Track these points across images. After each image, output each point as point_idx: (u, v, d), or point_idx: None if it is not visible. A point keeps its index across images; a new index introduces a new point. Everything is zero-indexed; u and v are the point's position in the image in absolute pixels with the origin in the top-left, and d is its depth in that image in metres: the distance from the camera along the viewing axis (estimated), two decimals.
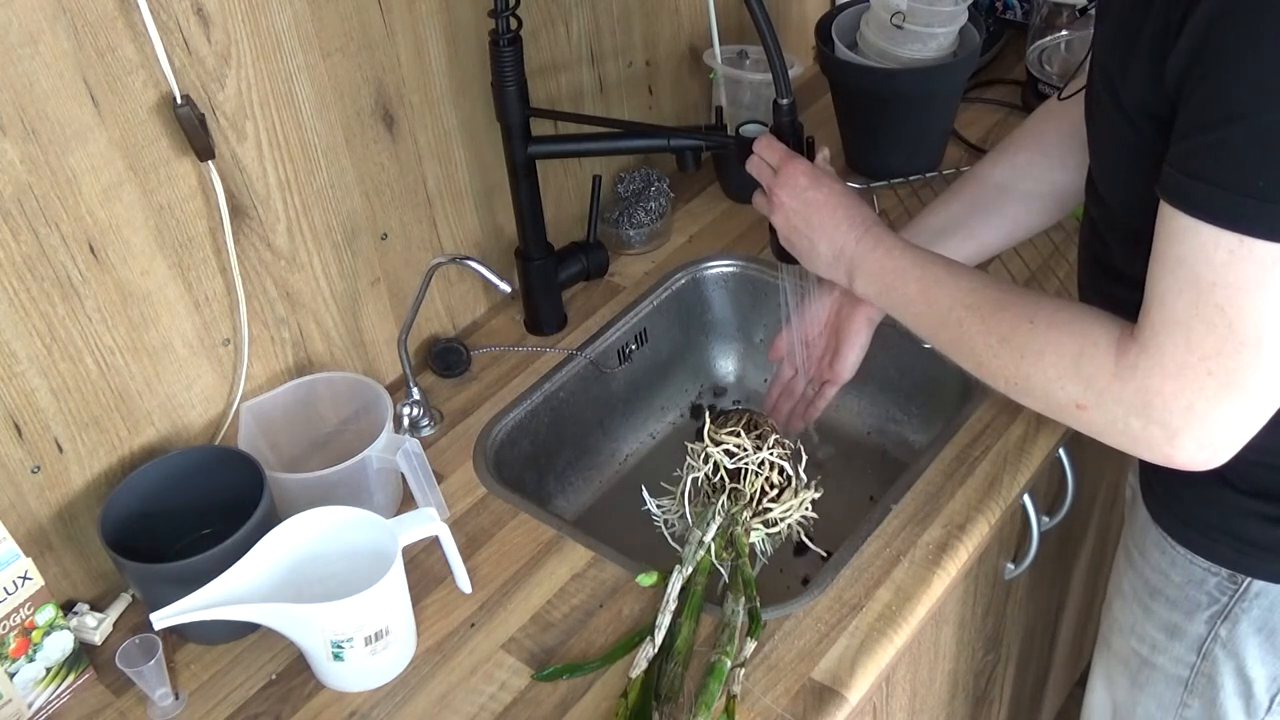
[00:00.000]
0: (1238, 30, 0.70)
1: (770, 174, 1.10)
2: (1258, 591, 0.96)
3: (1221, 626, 0.99)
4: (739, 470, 1.18)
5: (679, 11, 1.54)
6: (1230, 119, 0.71)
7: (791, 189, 1.07)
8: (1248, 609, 0.97)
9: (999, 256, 1.42)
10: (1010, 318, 0.90)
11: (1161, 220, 0.77)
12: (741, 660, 0.98)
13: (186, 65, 1.02)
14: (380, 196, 1.24)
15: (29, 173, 0.94)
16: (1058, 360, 0.86)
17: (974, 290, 0.94)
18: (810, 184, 1.07)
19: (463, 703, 0.99)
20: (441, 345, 1.33)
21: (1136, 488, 1.07)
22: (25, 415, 1.01)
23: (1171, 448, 0.81)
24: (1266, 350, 0.74)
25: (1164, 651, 1.05)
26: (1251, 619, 0.97)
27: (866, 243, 1.03)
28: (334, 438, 1.21)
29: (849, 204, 1.06)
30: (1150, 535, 1.03)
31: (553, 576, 1.10)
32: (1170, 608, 1.03)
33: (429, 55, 1.23)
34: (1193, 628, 1.01)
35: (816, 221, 1.06)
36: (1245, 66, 0.70)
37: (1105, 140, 0.91)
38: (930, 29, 1.47)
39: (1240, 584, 0.96)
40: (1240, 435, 0.79)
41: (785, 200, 1.08)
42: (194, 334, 1.12)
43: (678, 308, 1.48)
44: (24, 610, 0.97)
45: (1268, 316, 0.73)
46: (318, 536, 1.01)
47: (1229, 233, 0.72)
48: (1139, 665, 1.09)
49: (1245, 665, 1.00)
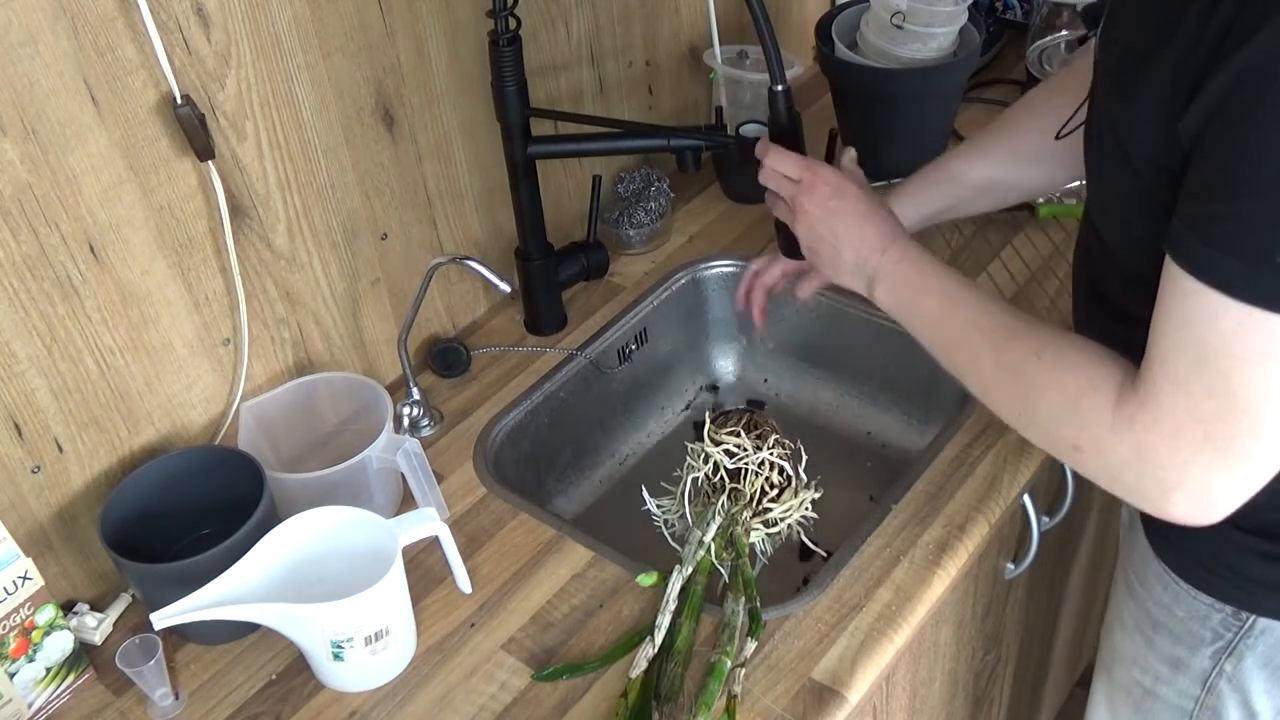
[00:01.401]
0: (1263, 100, 0.68)
1: (791, 186, 1.08)
2: (1263, 629, 0.94)
3: (1226, 662, 0.98)
4: (739, 470, 1.18)
5: (679, 11, 1.54)
6: (1250, 192, 0.70)
7: (816, 198, 1.06)
8: (1253, 645, 0.96)
9: (999, 256, 1.42)
10: (1020, 348, 0.89)
11: (1168, 276, 0.75)
12: (741, 660, 0.98)
13: (186, 65, 1.02)
14: (380, 196, 1.24)
15: (29, 173, 0.94)
16: (1059, 400, 0.84)
17: (990, 315, 0.93)
18: (834, 192, 1.05)
19: (463, 703, 0.99)
20: (441, 345, 1.33)
21: (1135, 514, 1.06)
22: (25, 415, 1.01)
23: (1166, 503, 0.80)
24: (1268, 420, 0.73)
25: (1168, 684, 1.04)
26: (1257, 655, 0.96)
27: (892, 254, 1.01)
28: (334, 438, 1.21)
29: (874, 212, 1.05)
30: (1151, 568, 1.02)
31: (553, 576, 1.10)
32: (1174, 642, 1.01)
33: (429, 55, 1.23)
34: (1197, 662, 1.00)
35: (841, 230, 1.04)
36: (1269, 138, 0.68)
37: (1107, 183, 0.89)
38: (930, 29, 1.47)
39: (1245, 621, 0.95)
40: (1236, 498, 0.78)
41: (810, 209, 1.06)
42: (194, 334, 1.12)
43: (678, 308, 1.48)
44: (24, 610, 0.97)
45: (1271, 387, 0.72)
46: (318, 536, 1.01)
47: (1239, 303, 0.71)
48: (1142, 695, 1.08)
49: (1250, 699, 0.98)
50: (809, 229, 1.07)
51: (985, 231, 1.47)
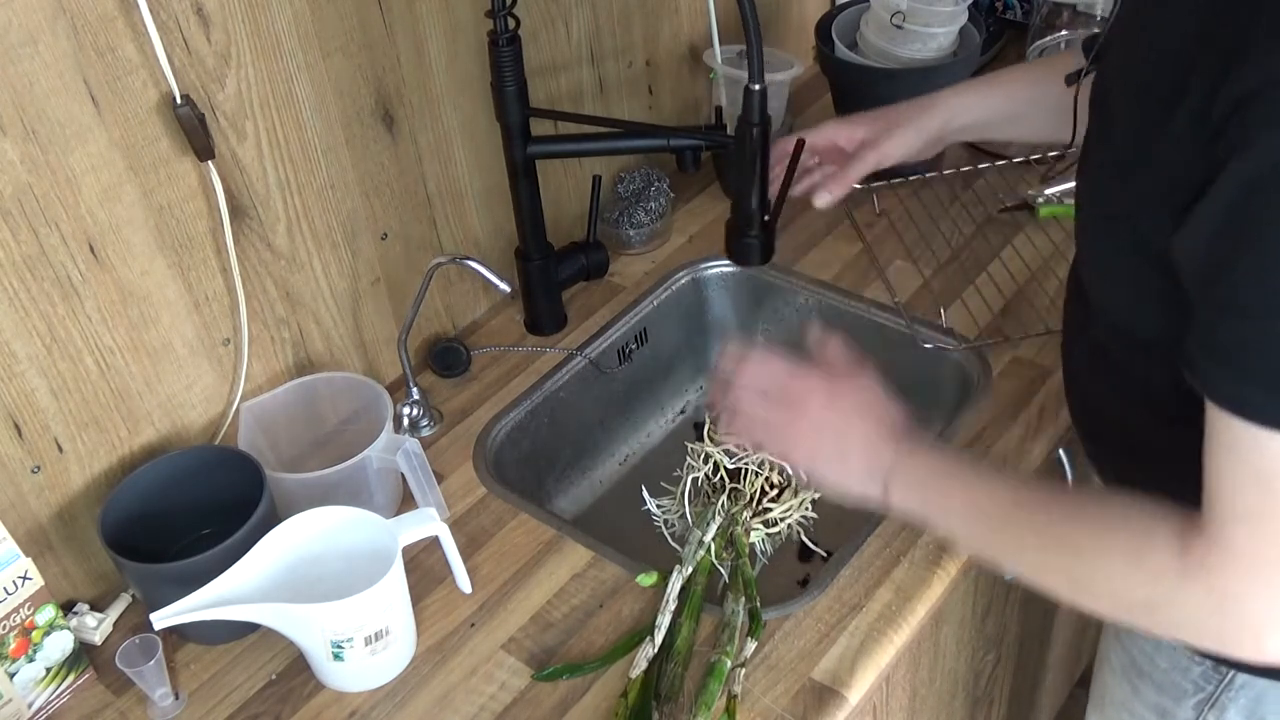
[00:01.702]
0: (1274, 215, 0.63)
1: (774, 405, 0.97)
2: (1242, 683, 0.93)
3: (1209, 713, 0.96)
4: (739, 470, 1.18)
5: (679, 11, 1.54)
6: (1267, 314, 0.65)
7: (812, 407, 0.96)
8: (1234, 698, 0.94)
9: (999, 256, 1.42)
10: (1061, 517, 0.82)
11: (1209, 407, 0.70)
12: (741, 660, 0.98)
13: (186, 65, 1.02)
14: (380, 196, 1.24)
15: (29, 173, 0.94)
16: (1122, 560, 0.77)
17: (1020, 489, 0.87)
18: (828, 397, 0.96)
19: (463, 703, 0.99)
20: (441, 345, 1.33)
21: None
22: (25, 415, 1.01)
23: (1259, 646, 0.72)
24: None
25: None
26: (1240, 707, 0.94)
27: (905, 448, 0.92)
28: (334, 438, 1.21)
29: (875, 402, 0.96)
30: None
31: (553, 576, 1.10)
32: (1158, 691, 1.00)
33: (429, 55, 1.23)
34: (1181, 713, 0.98)
35: (848, 431, 0.94)
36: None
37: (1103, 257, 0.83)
38: (930, 29, 1.47)
39: (1225, 674, 0.93)
40: None
41: (804, 422, 0.96)
42: (194, 334, 1.12)
43: (678, 308, 1.48)
44: (24, 610, 0.97)
45: None
46: (318, 536, 1.01)
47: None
48: None
49: None
50: (809, 444, 0.96)
51: (985, 231, 1.47)
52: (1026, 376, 1.25)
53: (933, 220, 1.49)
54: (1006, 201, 1.50)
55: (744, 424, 1.00)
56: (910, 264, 1.43)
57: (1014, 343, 1.29)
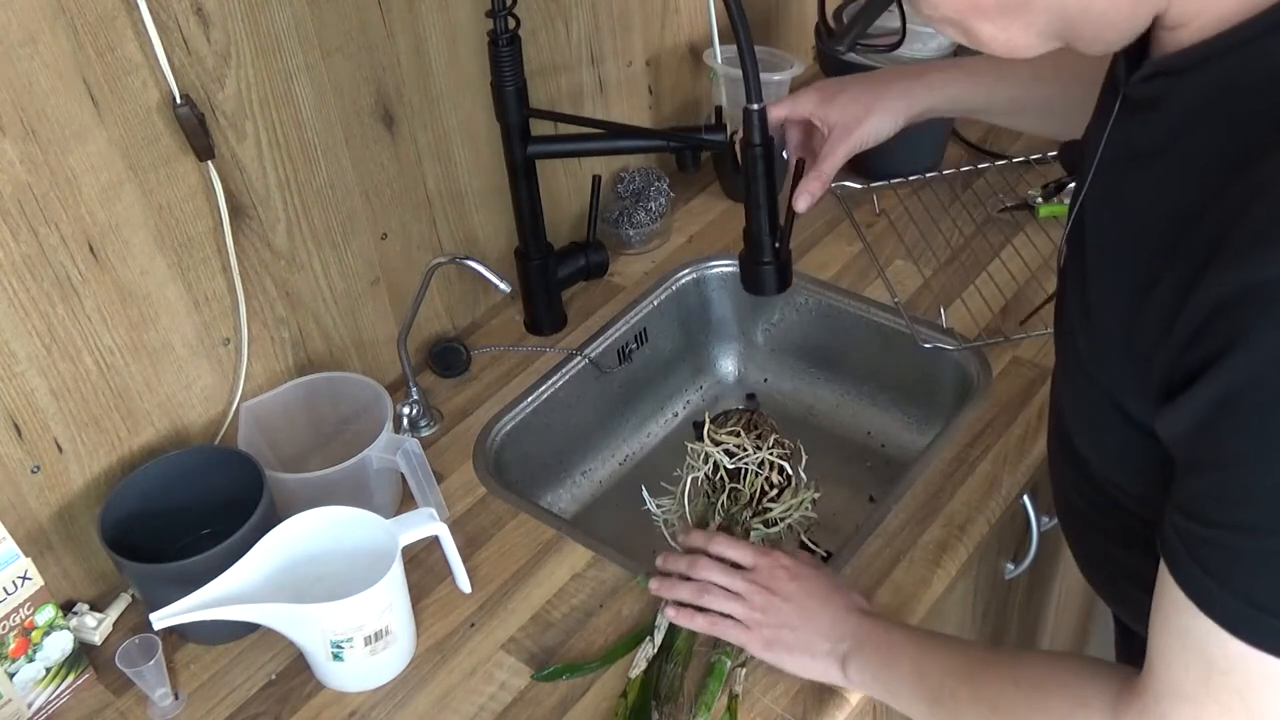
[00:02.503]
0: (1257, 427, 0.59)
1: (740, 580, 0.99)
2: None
3: None
4: (739, 470, 1.18)
5: (679, 11, 1.54)
6: (1251, 528, 0.61)
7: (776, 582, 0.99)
8: None
9: (999, 256, 1.42)
10: (995, 679, 0.82)
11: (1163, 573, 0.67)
12: (741, 660, 0.98)
13: (186, 65, 1.02)
14: (380, 196, 1.24)
15: (29, 173, 0.94)
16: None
17: (960, 652, 0.87)
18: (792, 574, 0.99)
19: (462, 703, 0.99)
20: (441, 345, 1.33)
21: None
22: (25, 415, 1.01)
23: None
24: None
25: None
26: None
27: (865, 623, 0.94)
28: (334, 438, 1.21)
29: (838, 587, 0.99)
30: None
31: (553, 576, 1.10)
32: None
33: (429, 55, 1.23)
34: None
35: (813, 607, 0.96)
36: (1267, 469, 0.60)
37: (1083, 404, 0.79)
38: (930, 29, 1.47)
39: None
40: None
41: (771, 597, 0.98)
42: (194, 334, 1.12)
43: (678, 307, 1.48)
44: (24, 610, 0.97)
45: None
46: (317, 536, 1.01)
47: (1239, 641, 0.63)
48: None
49: None
50: (774, 618, 0.97)
51: (985, 231, 1.47)
52: (1026, 376, 1.25)
53: (933, 220, 1.49)
54: (1006, 201, 1.50)
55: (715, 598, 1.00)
56: (910, 264, 1.43)
57: (1014, 343, 1.29)
